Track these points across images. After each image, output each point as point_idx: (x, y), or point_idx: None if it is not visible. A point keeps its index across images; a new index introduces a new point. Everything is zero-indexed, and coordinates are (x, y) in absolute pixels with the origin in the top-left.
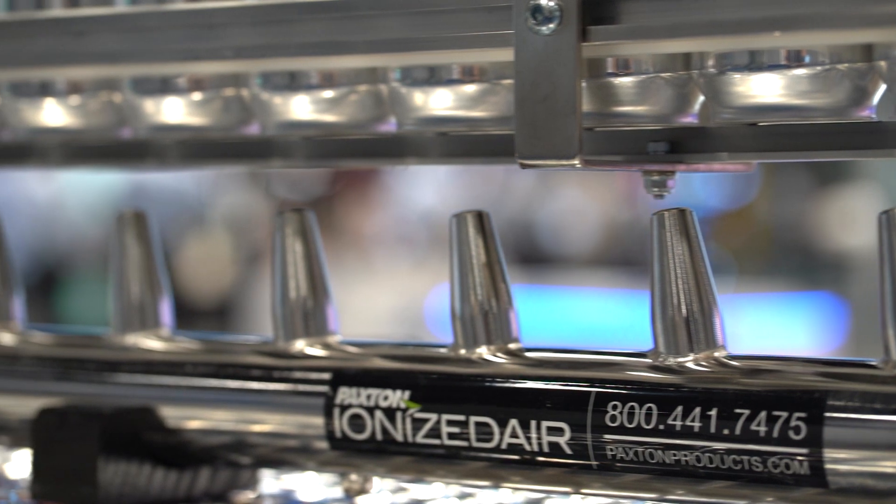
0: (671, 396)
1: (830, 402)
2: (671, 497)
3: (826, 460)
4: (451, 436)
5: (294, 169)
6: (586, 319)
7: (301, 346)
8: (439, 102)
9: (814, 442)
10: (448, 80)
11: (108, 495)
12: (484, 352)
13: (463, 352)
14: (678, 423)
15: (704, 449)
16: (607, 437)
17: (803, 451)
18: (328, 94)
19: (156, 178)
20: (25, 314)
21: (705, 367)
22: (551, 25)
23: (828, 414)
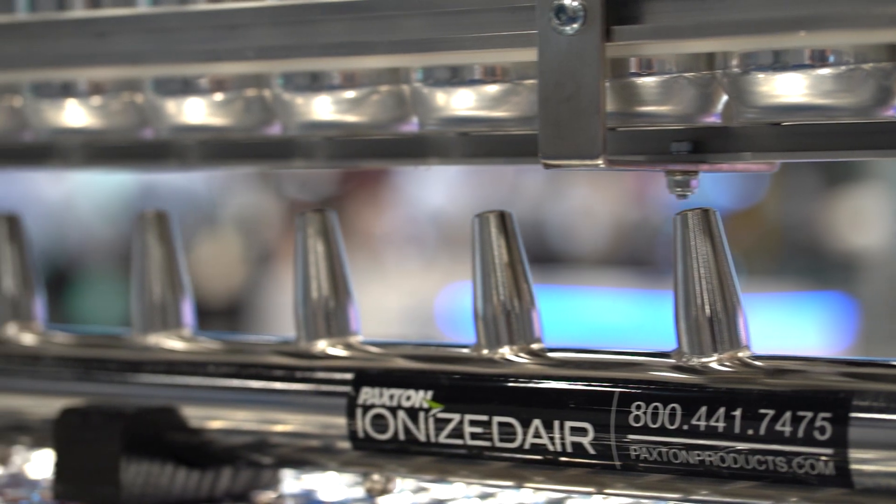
0: (695, 397)
1: (855, 402)
2: (695, 497)
3: (851, 460)
4: (474, 436)
5: (313, 169)
6: (596, 319)
7: (323, 346)
8: (462, 102)
9: (839, 442)
10: (470, 80)
11: (131, 495)
12: (506, 352)
13: (485, 352)
14: (702, 424)
15: (729, 449)
16: (631, 437)
17: (828, 452)
18: (350, 94)
19: (167, 178)
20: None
21: (729, 368)
22: (575, 25)
23: (853, 414)
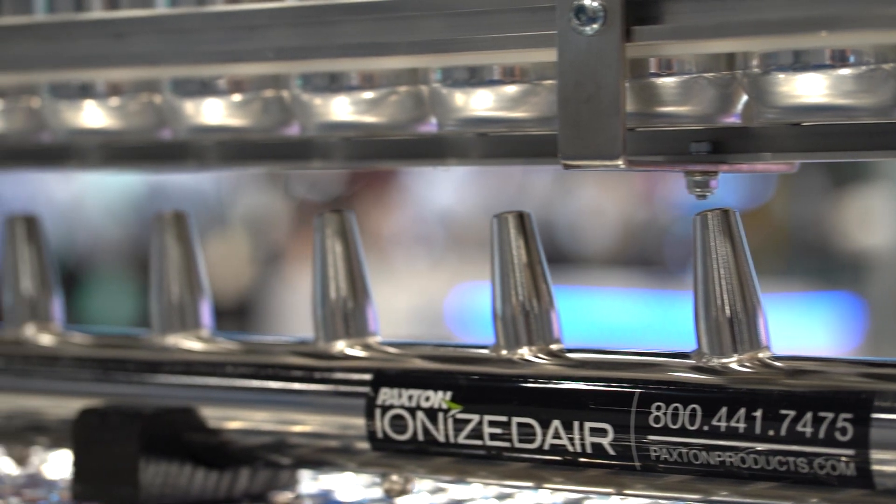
0: (716, 397)
1: (877, 402)
2: (715, 498)
3: (872, 461)
4: (493, 436)
5: (331, 170)
6: (604, 319)
7: (341, 346)
8: (480, 103)
9: (860, 443)
10: (489, 80)
11: (149, 496)
12: (525, 352)
13: (504, 352)
14: (723, 424)
15: (749, 450)
16: (651, 437)
17: (849, 453)
18: (369, 94)
19: (175, 178)
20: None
21: (749, 368)
22: (595, 26)
23: (874, 415)
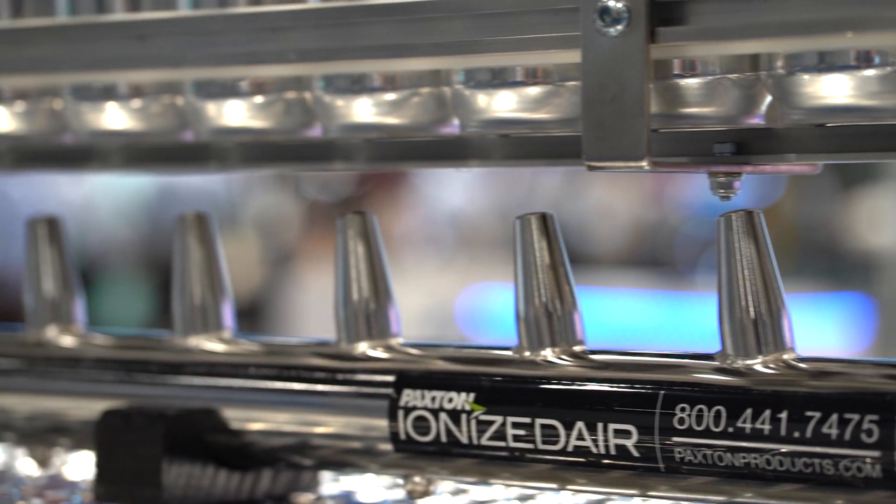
0: (740, 399)
1: None
2: (739, 500)
3: None
4: (517, 438)
5: (353, 171)
6: (614, 319)
7: (364, 348)
8: (503, 104)
9: (886, 444)
10: (512, 81)
11: (172, 497)
12: (548, 354)
13: (527, 354)
14: (748, 426)
15: (774, 452)
16: (675, 439)
17: (875, 454)
18: (391, 96)
19: (186, 179)
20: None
21: (774, 370)
22: (619, 27)
23: None
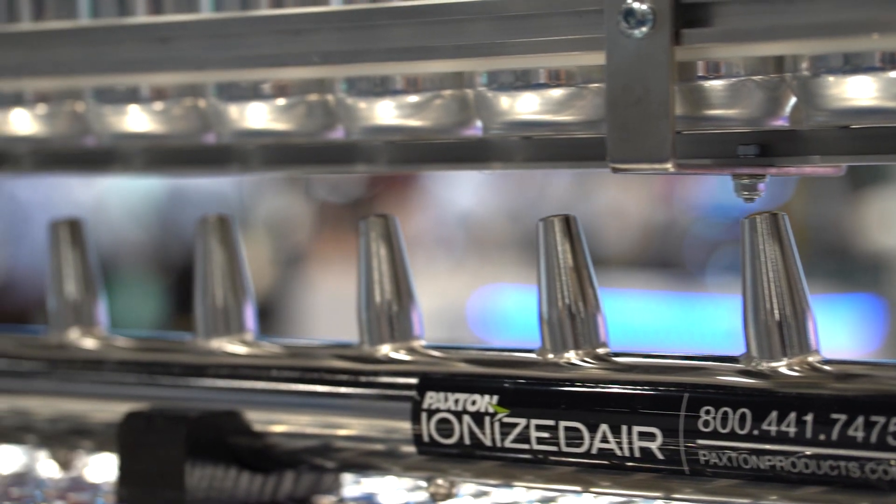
0: (766, 401)
1: None
2: (764, 503)
3: None
4: (540, 441)
5: (374, 174)
6: (624, 320)
7: (386, 350)
8: (526, 106)
9: None
10: (535, 84)
11: (195, 499)
12: (572, 356)
13: (551, 356)
14: (773, 429)
15: (800, 454)
16: (700, 442)
17: None
18: (413, 98)
19: (197, 180)
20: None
21: (799, 372)
22: (644, 29)
23: None
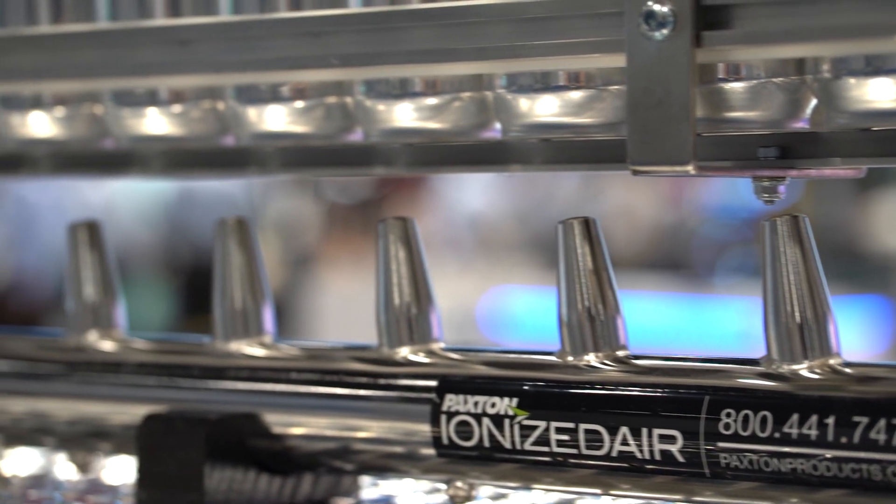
0: (787, 404)
1: None
2: None
3: None
4: (560, 443)
5: (392, 176)
6: (632, 322)
7: (405, 352)
8: (546, 109)
9: None
10: (555, 86)
11: (214, 501)
12: (591, 359)
13: (570, 359)
14: (794, 431)
15: (821, 457)
16: (721, 444)
17: None
18: (432, 101)
19: (205, 182)
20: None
21: (820, 375)
22: (664, 31)
23: None
